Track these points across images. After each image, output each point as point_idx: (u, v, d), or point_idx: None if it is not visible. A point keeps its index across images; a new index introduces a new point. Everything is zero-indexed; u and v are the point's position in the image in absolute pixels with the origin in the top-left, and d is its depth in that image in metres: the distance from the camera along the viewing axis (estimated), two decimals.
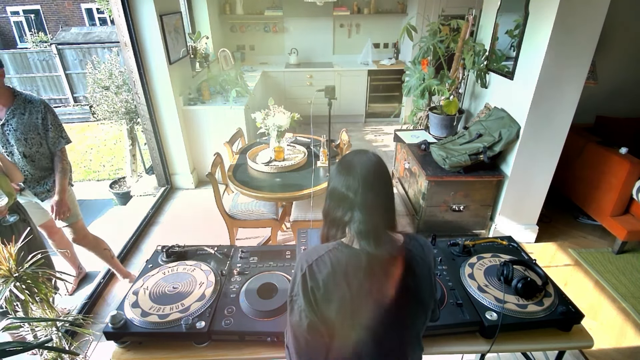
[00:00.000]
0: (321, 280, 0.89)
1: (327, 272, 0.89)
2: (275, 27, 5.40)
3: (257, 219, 2.49)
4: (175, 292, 1.32)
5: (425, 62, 3.18)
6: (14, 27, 12.26)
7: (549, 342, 1.26)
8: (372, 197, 0.92)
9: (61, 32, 8.95)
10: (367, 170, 0.93)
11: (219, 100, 3.67)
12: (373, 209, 0.92)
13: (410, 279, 0.94)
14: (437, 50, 3.13)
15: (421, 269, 0.97)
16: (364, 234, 0.90)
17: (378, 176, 0.94)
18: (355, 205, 0.92)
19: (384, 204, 0.95)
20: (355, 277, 0.89)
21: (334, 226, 0.98)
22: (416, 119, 3.60)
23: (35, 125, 1.97)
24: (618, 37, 3.17)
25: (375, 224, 0.91)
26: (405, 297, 0.93)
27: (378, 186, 0.94)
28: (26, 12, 12.08)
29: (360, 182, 0.91)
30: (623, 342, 2.12)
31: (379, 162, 0.96)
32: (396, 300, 0.92)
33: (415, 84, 3.26)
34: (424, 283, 0.97)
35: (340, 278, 0.89)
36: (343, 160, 0.99)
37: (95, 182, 5.28)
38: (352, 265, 0.90)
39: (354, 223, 0.92)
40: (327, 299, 0.89)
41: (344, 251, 0.92)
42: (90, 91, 3.83)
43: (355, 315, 0.90)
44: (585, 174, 2.98)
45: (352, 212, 0.92)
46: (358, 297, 0.89)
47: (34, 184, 2.09)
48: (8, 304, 1.53)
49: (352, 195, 0.92)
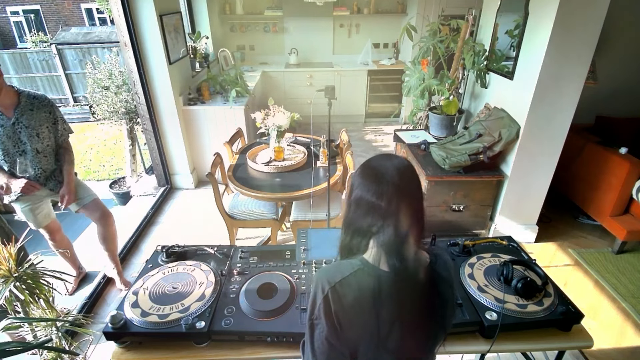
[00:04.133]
0: (347, 304, 0.82)
1: (353, 297, 0.83)
2: (275, 27, 5.40)
3: (257, 219, 2.49)
4: (175, 292, 1.31)
5: (425, 62, 3.18)
6: (13, 27, 12.25)
7: (549, 342, 1.26)
8: (405, 206, 0.83)
9: (61, 32, 8.95)
10: (401, 176, 0.84)
11: (218, 100, 3.67)
12: (405, 220, 0.83)
13: (437, 302, 0.89)
14: (437, 50, 3.13)
15: (447, 291, 0.92)
16: (393, 248, 0.83)
17: (412, 183, 0.87)
18: (387, 215, 0.83)
19: (416, 214, 0.86)
20: (383, 302, 0.83)
21: (358, 236, 0.89)
22: (416, 119, 3.60)
23: (46, 119, 2.04)
24: (618, 37, 3.17)
25: (405, 237, 0.83)
26: (431, 321, 0.89)
27: (412, 195, 0.86)
28: (26, 12, 12.07)
29: (394, 189, 0.83)
30: (623, 342, 2.12)
31: (411, 167, 0.88)
32: (422, 324, 0.88)
33: (415, 84, 3.26)
34: (448, 306, 0.92)
35: (368, 303, 0.83)
36: (370, 165, 0.89)
37: (95, 182, 5.27)
38: (379, 289, 0.83)
39: (382, 235, 0.83)
40: (352, 324, 0.83)
41: (371, 273, 0.85)
42: (90, 91, 3.83)
43: (380, 340, 0.85)
44: (585, 174, 2.98)
45: (382, 222, 0.83)
46: (385, 323, 0.84)
47: (47, 180, 2.14)
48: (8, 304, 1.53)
49: (384, 204, 0.82)
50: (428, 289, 0.88)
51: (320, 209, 2.44)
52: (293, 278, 1.38)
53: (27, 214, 2.14)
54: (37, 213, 2.16)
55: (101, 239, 2.33)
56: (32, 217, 2.15)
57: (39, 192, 2.10)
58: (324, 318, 0.84)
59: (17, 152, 1.99)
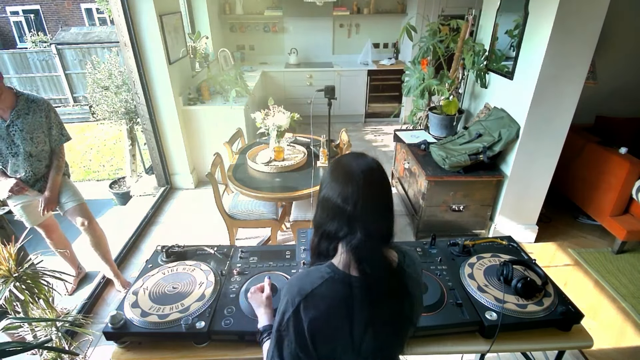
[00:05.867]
0: (318, 316, 0.80)
1: (324, 308, 0.81)
2: (275, 27, 5.40)
3: (257, 219, 2.49)
4: (175, 292, 1.31)
5: (425, 62, 3.18)
6: (13, 27, 12.25)
7: (549, 342, 1.26)
8: (372, 211, 0.81)
9: (61, 32, 8.95)
10: (368, 179, 0.81)
11: (218, 100, 3.67)
12: (373, 225, 0.81)
13: (407, 302, 0.88)
14: (437, 50, 3.13)
15: (415, 289, 0.90)
16: (362, 254, 0.81)
17: (380, 186, 0.84)
18: (353, 220, 0.80)
19: (384, 219, 0.84)
20: (356, 309, 0.82)
21: (326, 240, 0.86)
22: (416, 119, 3.60)
23: (40, 124, 2.03)
24: (618, 37, 3.17)
25: (374, 242, 0.82)
26: (402, 320, 0.89)
27: (379, 198, 0.83)
28: (26, 12, 12.07)
29: (361, 193, 0.80)
30: (623, 342, 2.12)
31: (380, 168, 0.85)
32: (394, 324, 0.87)
33: (415, 84, 3.26)
34: (417, 303, 0.92)
35: (340, 312, 0.81)
36: (338, 165, 0.86)
37: (95, 182, 5.27)
38: (352, 297, 0.81)
39: (350, 240, 0.81)
40: (325, 335, 0.82)
41: (341, 281, 0.82)
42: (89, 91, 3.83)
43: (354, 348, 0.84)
44: (585, 174, 2.98)
45: (348, 228, 0.81)
46: (359, 329, 0.83)
47: (36, 182, 2.13)
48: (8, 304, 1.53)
49: (350, 208, 0.80)
50: (398, 289, 0.87)
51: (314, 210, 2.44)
52: None
53: (19, 211, 2.14)
54: (29, 211, 2.16)
55: (90, 245, 2.30)
56: (24, 215, 2.15)
57: (28, 192, 2.09)
58: (292, 331, 0.82)
59: (10, 153, 1.99)
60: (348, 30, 5.51)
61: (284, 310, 0.84)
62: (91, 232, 2.27)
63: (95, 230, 2.29)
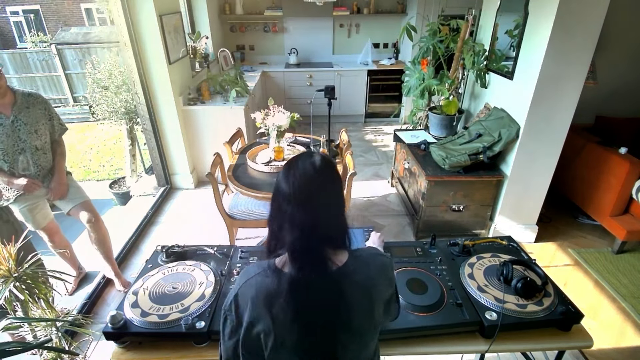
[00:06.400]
0: (245, 304, 0.85)
1: (250, 297, 0.85)
2: (275, 27, 5.40)
3: (257, 219, 2.49)
4: (175, 292, 1.31)
5: (424, 62, 3.18)
6: (13, 27, 12.25)
7: (549, 342, 1.26)
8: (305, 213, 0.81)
9: (61, 32, 8.95)
10: (303, 180, 0.82)
11: (218, 100, 3.67)
12: (310, 228, 0.82)
13: (341, 308, 0.85)
14: (437, 50, 3.13)
15: (358, 296, 0.87)
16: (295, 256, 0.82)
17: (318, 187, 0.83)
18: (290, 220, 0.82)
19: (325, 220, 0.84)
20: (276, 304, 0.83)
21: (273, 238, 0.89)
22: (416, 119, 3.60)
23: (42, 116, 2.07)
24: (618, 37, 3.17)
25: (311, 244, 0.82)
26: (334, 325, 0.86)
27: (315, 200, 0.83)
28: (26, 12, 12.06)
29: (294, 194, 0.81)
30: (623, 342, 2.12)
31: (321, 168, 0.84)
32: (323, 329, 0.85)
33: (415, 84, 3.26)
34: (357, 311, 0.87)
35: (262, 305, 0.83)
36: (286, 164, 0.87)
37: (95, 182, 5.28)
38: (273, 291, 0.83)
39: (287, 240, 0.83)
40: (251, 322, 0.85)
41: (269, 275, 0.85)
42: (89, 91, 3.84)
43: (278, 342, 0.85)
44: (585, 174, 2.98)
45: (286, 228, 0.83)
46: (280, 326, 0.83)
47: (45, 178, 2.15)
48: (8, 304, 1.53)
49: (286, 208, 0.82)
50: (331, 293, 0.85)
51: None
52: None
53: (25, 214, 2.14)
54: (36, 213, 2.16)
55: (93, 243, 2.32)
56: (30, 217, 2.15)
57: (37, 191, 2.10)
58: (233, 313, 0.88)
59: (17, 151, 2.00)
60: (348, 30, 5.51)
61: (230, 294, 0.91)
62: (97, 229, 2.29)
63: (101, 227, 2.32)
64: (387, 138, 5.05)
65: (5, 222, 2.15)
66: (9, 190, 2.04)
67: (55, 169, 2.17)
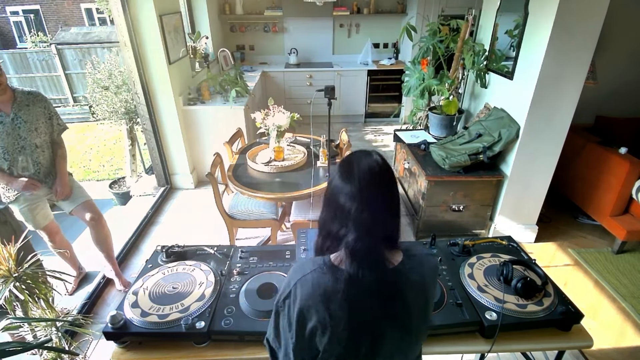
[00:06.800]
0: (301, 299, 0.84)
1: (307, 294, 0.84)
2: (275, 27, 5.40)
3: (257, 219, 2.49)
4: (175, 292, 1.31)
5: (424, 62, 3.18)
6: (13, 27, 12.25)
7: (549, 342, 1.26)
8: (372, 211, 0.81)
9: (61, 32, 8.95)
10: (369, 178, 0.81)
11: (218, 100, 3.67)
12: (371, 227, 0.81)
13: (398, 305, 0.86)
14: (437, 50, 3.13)
15: (414, 294, 0.88)
16: (355, 254, 0.82)
17: (381, 186, 0.83)
18: (352, 220, 0.81)
19: (385, 220, 0.84)
20: (333, 301, 0.82)
21: (328, 239, 0.88)
22: (416, 119, 3.60)
23: (42, 114, 2.07)
24: (618, 37, 3.17)
25: (371, 243, 0.82)
26: (390, 323, 0.86)
27: (380, 199, 0.83)
28: (26, 12, 12.07)
29: (359, 193, 0.80)
30: (623, 342, 2.12)
31: (384, 167, 0.84)
32: (377, 327, 0.86)
33: (415, 84, 3.26)
34: (413, 310, 0.88)
35: (319, 301, 0.83)
36: (344, 162, 0.87)
37: (95, 182, 5.28)
38: (331, 288, 0.83)
39: (348, 239, 0.82)
40: (307, 320, 0.84)
41: (326, 272, 0.85)
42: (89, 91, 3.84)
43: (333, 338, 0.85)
44: (585, 174, 2.98)
45: (347, 227, 0.82)
46: (335, 321, 0.83)
47: (45, 176, 2.15)
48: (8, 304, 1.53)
49: (349, 207, 0.81)
50: (389, 291, 0.85)
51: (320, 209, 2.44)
52: None
53: (25, 214, 2.14)
54: (36, 213, 2.16)
55: (95, 242, 2.33)
56: (30, 217, 2.15)
57: (37, 191, 2.10)
58: (286, 309, 0.87)
59: (17, 149, 2.00)
60: (348, 30, 5.51)
61: (284, 289, 0.90)
62: (99, 228, 2.30)
63: (104, 226, 2.33)
64: (387, 138, 5.05)
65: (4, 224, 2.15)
66: (9, 190, 2.05)
67: (58, 172, 2.16)
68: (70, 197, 2.21)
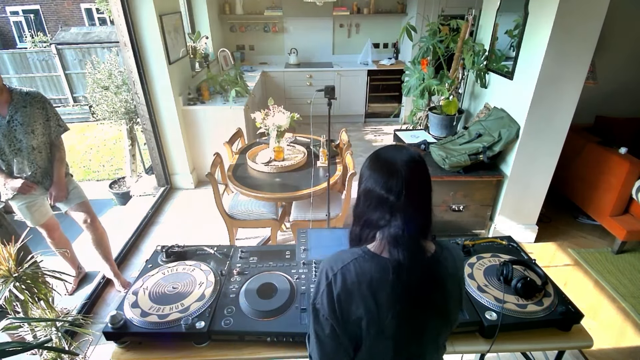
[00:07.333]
0: (346, 290, 0.84)
1: (351, 282, 0.84)
2: (275, 27, 5.40)
3: (257, 219, 2.49)
4: (175, 292, 1.31)
5: (424, 62, 3.18)
6: (13, 27, 12.25)
7: (549, 342, 1.26)
8: (414, 201, 0.84)
9: (61, 32, 8.95)
10: (412, 170, 0.84)
11: (218, 100, 3.67)
12: (413, 215, 0.84)
13: (439, 294, 0.89)
14: (437, 50, 3.13)
15: (451, 284, 0.92)
16: (399, 241, 0.84)
17: (423, 178, 0.87)
18: (395, 210, 0.84)
19: (424, 209, 0.87)
20: (381, 289, 0.84)
21: (367, 227, 0.90)
22: (416, 119, 3.60)
23: (39, 116, 2.04)
24: (618, 37, 3.17)
25: (413, 231, 0.84)
26: (432, 311, 0.90)
27: (421, 189, 0.86)
28: (25, 12, 12.07)
29: (404, 184, 0.83)
30: (623, 342, 2.12)
31: (422, 161, 0.88)
32: (422, 315, 0.88)
33: (414, 84, 3.26)
34: (452, 298, 0.92)
35: (365, 290, 0.84)
36: (380, 157, 0.89)
37: (95, 182, 5.27)
38: (378, 276, 0.84)
39: (390, 228, 0.85)
40: (351, 309, 0.85)
41: (370, 261, 0.86)
42: (89, 91, 3.83)
43: (379, 327, 0.86)
44: (585, 174, 2.98)
45: (390, 216, 0.84)
46: (383, 310, 0.85)
47: (43, 177, 2.14)
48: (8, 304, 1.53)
49: (393, 198, 0.83)
50: (429, 279, 0.88)
51: (320, 209, 2.44)
52: (293, 278, 1.38)
53: (23, 211, 2.14)
54: (34, 211, 2.16)
55: (92, 243, 2.32)
56: (29, 214, 2.15)
57: (35, 190, 2.10)
58: (326, 303, 0.86)
59: (13, 151, 1.98)
60: (348, 30, 5.51)
61: (318, 284, 0.89)
62: (93, 230, 2.28)
63: (98, 228, 2.31)
64: (387, 138, 5.05)
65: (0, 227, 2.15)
66: (6, 188, 2.04)
67: (55, 175, 2.14)
68: (67, 198, 2.20)
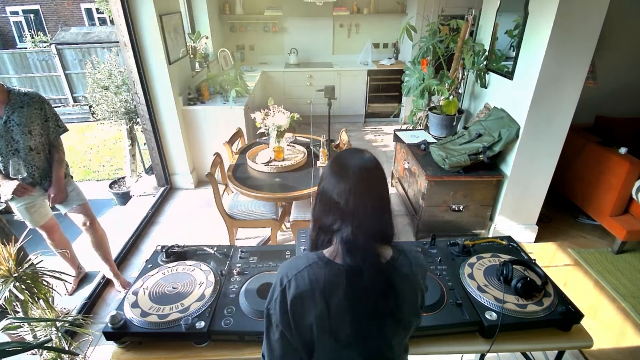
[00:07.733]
0: (298, 297, 0.84)
1: (304, 289, 0.84)
2: (275, 27, 5.39)
3: (257, 219, 2.49)
4: (175, 292, 1.31)
5: (424, 62, 3.18)
6: (13, 27, 12.25)
7: (549, 342, 1.26)
8: (363, 207, 0.84)
9: (60, 32, 8.94)
10: (361, 175, 0.85)
11: (218, 100, 3.67)
12: (364, 221, 0.84)
13: (391, 299, 0.89)
14: (437, 50, 3.13)
15: (405, 289, 0.91)
16: (350, 247, 0.84)
17: (373, 183, 0.86)
18: (345, 215, 0.84)
19: (376, 215, 0.87)
20: (334, 296, 0.84)
21: (322, 232, 0.91)
22: (416, 119, 3.60)
23: (37, 116, 2.02)
24: (618, 37, 3.17)
25: (364, 237, 0.84)
26: (385, 316, 0.89)
27: (372, 195, 0.86)
28: (25, 12, 12.06)
29: (352, 189, 0.83)
30: (623, 342, 2.12)
31: (376, 165, 0.88)
32: (375, 320, 0.88)
33: (414, 84, 3.26)
34: (405, 303, 0.91)
35: (318, 296, 0.84)
36: (336, 160, 0.90)
37: (95, 182, 5.27)
38: (331, 282, 0.85)
39: (341, 233, 0.85)
40: (303, 316, 0.85)
41: (323, 267, 0.86)
42: (89, 91, 3.83)
43: (332, 333, 0.86)
44: (585, 174, 2.98)
45: (340, 222, 0.85)
46: (335, 316, 0.85)
47: (42, 178, 2.12)
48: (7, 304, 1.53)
49: (342, 203, 0.84)
50: (382, 287, 0.87)
51: None
52: None
53: (23, 212, 2.13)
54: (34, 212, 2.15)
55: (91, 245, 2.32)
56: (28, 215, 2.15)
57: (33, 192, 2.08)
58: (279, 309, 0.87)
59: (10, 152, 1.97)
60: (348, 30, 5.51)
61: (272, 290, 0.90)
62: (93, 232, 2.28)
63: (97, 230, 2.30)
64: (387, 138, 5.05)
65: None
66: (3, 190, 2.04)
67: (54, 176, 2.11)
68: (67, 200, 2.19)
